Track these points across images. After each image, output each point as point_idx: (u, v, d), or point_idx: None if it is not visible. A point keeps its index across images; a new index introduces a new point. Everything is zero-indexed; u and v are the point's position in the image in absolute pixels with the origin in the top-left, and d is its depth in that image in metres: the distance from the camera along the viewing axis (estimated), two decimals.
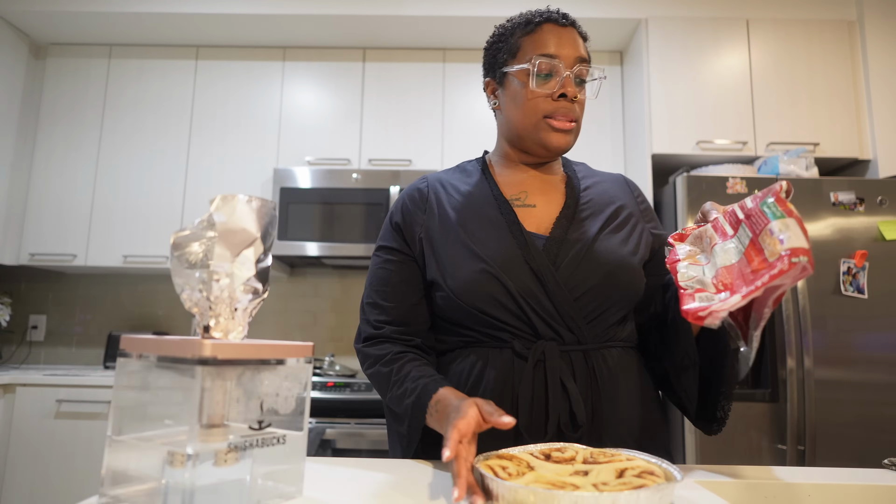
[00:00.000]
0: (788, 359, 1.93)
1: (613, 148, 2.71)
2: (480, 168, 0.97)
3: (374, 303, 0.92)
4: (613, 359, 0.83)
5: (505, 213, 0.88)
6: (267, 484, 0.53)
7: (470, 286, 0.82)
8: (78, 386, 2.26)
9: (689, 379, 0.82)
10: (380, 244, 0.95)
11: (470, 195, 0.91)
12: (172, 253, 0.52)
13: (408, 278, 0.91)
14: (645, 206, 0.97)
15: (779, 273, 0.59)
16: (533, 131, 0.88)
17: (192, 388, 0.47)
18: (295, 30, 2.67)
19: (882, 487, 0.69)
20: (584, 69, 0.88)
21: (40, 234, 2.64)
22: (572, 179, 0.95)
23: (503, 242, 0.84)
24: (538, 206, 0.90)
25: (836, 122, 2.42)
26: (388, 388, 0.85)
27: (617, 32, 2.65)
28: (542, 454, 0.64)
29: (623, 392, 0.82)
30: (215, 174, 2.69)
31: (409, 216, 0.93)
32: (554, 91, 0.86)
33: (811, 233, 2.03)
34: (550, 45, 0.86)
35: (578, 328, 0.82)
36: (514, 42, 0.90)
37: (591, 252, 0.84)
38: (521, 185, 0.93)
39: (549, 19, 0.88)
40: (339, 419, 2.13)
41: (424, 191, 0.94)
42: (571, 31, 0.89)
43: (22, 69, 2.72)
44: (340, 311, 2.90)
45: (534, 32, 0.88)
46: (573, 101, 0.87)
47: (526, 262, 0.82)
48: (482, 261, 0.82)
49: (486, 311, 0.82)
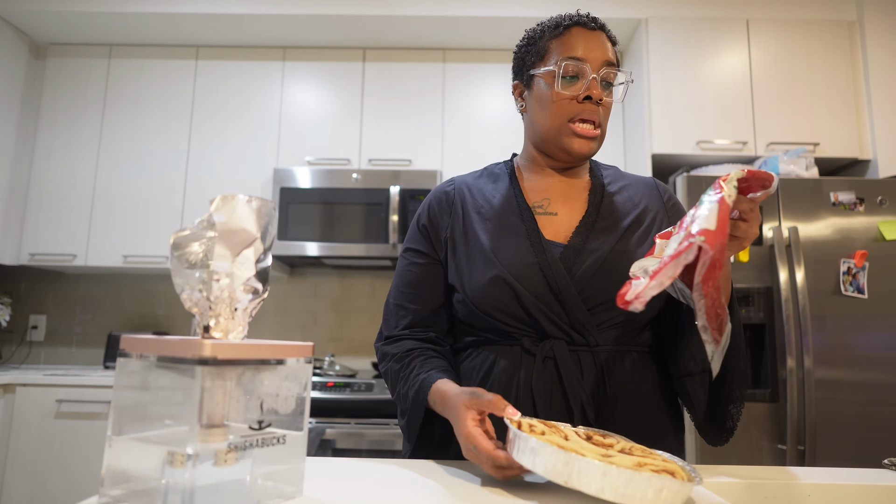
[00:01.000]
0: (788, 359, 1.93)
1: (613, 148, 2.71)
2: (508, 173, 0.97)
3: (399, 304, 0.94)
4: (625, 362, 0.83)
5: (526, 220, 0.88)
6: (267, 484, 0.53)
7: (484, 293, 0.84)
8: (78, 386, 2.26)
9: (694, 384, 0.82)
10: (407, 246, 0.97)
11: (494, 201, 0.92)
12: (172, 253, 0.52)
13: (433, 281, 0.93)
14: (674, 206, 0.96)
15: (677, 254, 0.59)
16: (557, 135, 0.89)
17: (192, 388, 0.47)
18: (295, 30, 2.67)
19: (882, 487, 0.69)
20: (611, 73, 0.88)
21: (40, 234, 2.64)
22: (597, 186, 0.94)
23: (521, 250, 0.85)
24: (560, 214, 0.90)
25: (836, 122, 2.42)
26: (396, 385, 0.89)
27: (617, 32, 2.65)
28: (585, 434, 0.65)
29: (633, 395, 0.82)
30: (215, 174, 2.69)
31: (435, 218, 0.94)
32: (579, 93, 0.86)
33: (811, 233, 2.04)
34: (578, 49, 0.86)
35: (591, 335, 0.82)
36: (542, 45, 0.90)
37: (607, 262, 0.84)
38: (545, 192, 0.93)
39: (577, 23, 0.88)
40: (339, 419, 2.13)
41: (451, 193, 0.96)
42: (600, 34, 0.89)
43: (22, 69, 2.72)
44: (340, 311, 2.90)
45: (562, 35, 0.88)
46: (598, 103, 0.86)
47: (541, 271, 0.83)
48: (498, 268, 0.84)
49: (499, 318, 0.84)
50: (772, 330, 1.99)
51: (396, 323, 0.93)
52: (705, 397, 0.82)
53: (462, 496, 0.60)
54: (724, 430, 0.81)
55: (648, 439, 0.82)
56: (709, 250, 0.58)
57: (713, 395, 0.82)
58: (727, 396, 0.80)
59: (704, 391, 0.82)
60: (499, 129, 2.71)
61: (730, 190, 0.63)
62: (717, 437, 0.83)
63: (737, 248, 0.70)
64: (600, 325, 0.82)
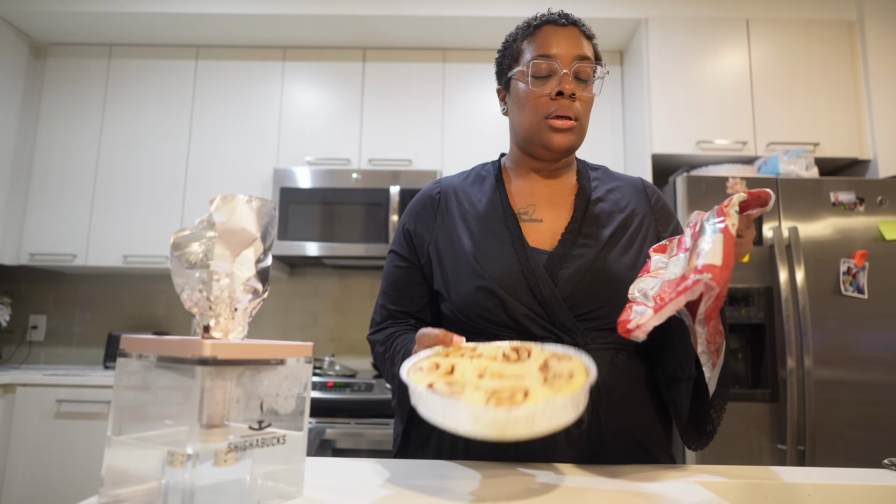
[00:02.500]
0: (788, 359, 1.93)
1: (613, 148, 2.71)
2: (495, 174, 0.97)
3: (383, 304, 0.98)
4: (617, 360, 0.83)
5: (511, 227, 0.88)
6: (267, 484, 0.53)
7: (469, 302, 0.85)
8: (78, 386, 2.26)
9: (681, 392, 0.81)
10: (391, 248, 1.00)
11: (480, 206, 0.93)
12: (172, 253, 0.52)
13: (413, 285, 0.96)
14: (662, 209, 0.95)
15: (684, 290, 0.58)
16: (535, 133, 0.89)
17: (192, 388, 0.47)
18: (295, 30, 2.67)
19: (882, 487, 0.69)
20: (584, 67, 0.88)
21: (40, 234, 2.64)
22: (583, 191, 0.94)
23: (505, 258, 0.85)
24: (545, 221, 0.90)
25: (836, 122, 2.42)
26: (384, 367, 0.92)
27: (617, 32, 2.65)
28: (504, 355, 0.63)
29: (623, 391, 0.82)
30: (215, 174, 2.69)
31: (420, 224, 0.95)
32: (552, 90, 0.86)
33: (811, 233, 2.04)
34: (547, 46, 0.87)
35: (578, 336, 0.82)
36: (516, 47, 0.92)
37: (592, 269, 0.84)
38: (530, 198, 0.93)
39: (547, 21, 0.89)
40: (339, 419, 2.13)
41: (436, 199, 0.96)
42: (571, 29, 0.89)
43: (22, 69, 2.72)
44: (340, 311, 2.90)
45: (533, 35, 0.89)
46: (572, 98, 0.86)
47: (525, 279, 0.83)
48: (482, 277, 0.84)
49: (486, 326, 0.85)
50: (772, 330, 1.99)
51: (381, 320, 0.98)
52: (688, 402, 0.82)
53: (462, 496, 0.60)
54: (705, 433, 0.80)
55: (644, 437, 0.83)
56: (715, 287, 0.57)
57: (695, 399, 0.82)
58: (709, 402, 0.80)
59: (689, 397, 0.82)
60: (498, 128, 2.71)
61: (733, 218, 0.63)
62: (698, 441, 0.81)
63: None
64: (587, 330, 0.83)
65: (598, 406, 0.80)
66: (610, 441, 0.79)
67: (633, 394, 0.83)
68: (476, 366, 0.59)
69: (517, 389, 0.53)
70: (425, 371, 0.59)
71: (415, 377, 0.57)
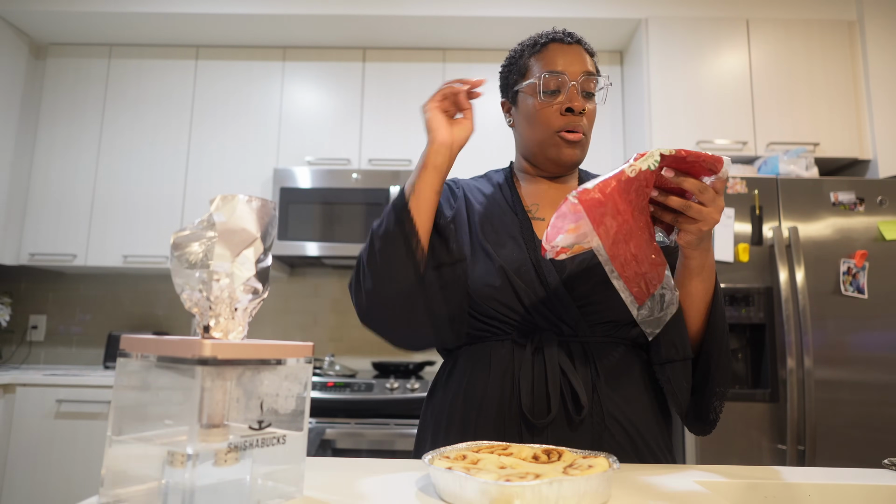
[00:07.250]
0: (788, 359, 1.93)
1: (613, 148, 2.71)
2: (505, 177, 1.02)
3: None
4: (615, 353, 0.86)
5: (521, 220, 0.93)
6: (267, 484, 0.53)
7: (485, 282, 0.87)
8: (78, 386, 2.26)
9: (676, 371, 0.84)
10: None
11: (491, 201, 0.97)
12: (172, 253, 0.52)
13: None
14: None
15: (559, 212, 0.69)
16: (545, 146, 0.92)
17: (192, 388, 0.47)
18: (295, 30, 2.67)
19: (882, 487, 0.69)
20: (590, 82, 0.92)
21: (40, 234, 2.64)
22: None
23: (515, 247, 0.89)
24: (547, 219, 0.94)
25: (836, 122, 2.42)
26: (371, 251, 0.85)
27: (617, 32, 2.65)
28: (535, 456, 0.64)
29: (624, 385, 0.85)
30: (215, 174, 2.69)
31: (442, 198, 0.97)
32: (562, 105, 0.90)
33: (811, 233, 2.04)
34: (556, 62, 0.91)
35: (580, 328, 0.85)
36: (522, 63, 0.95)
37: (593, 263, 0.86)
38: (535, 197, 0.97)
39: (554, 39, 0.93)
40: (339, 419, 2.13)
41: (454, 187, 1.00)
42: (577, 47, 0.93)
43: (22, 69, 2.72)
44: (340, 311, 2.90)
45: (540, 52, 0.93)
46: (581, 114, 0.90)
47: (534, 267, 0.87)
48: (496, 259, 0.87)
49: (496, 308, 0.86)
50: (772, 330, 1.99)
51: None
52: (687, 385, 0.85)
53: None
54: (708, 422, 0.86)
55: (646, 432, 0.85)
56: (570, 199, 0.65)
57: (697, 390, 0.86)
58: (710, 391, 0.84)
59: (686, 379, 0.85)
60: (498, 128, 2.71)
61: (641, 164, 0.69)
62: (701, 429, 0.87)
63: (696, 231, 0.73)
64: (589, 322, 0.86)
65: (600, 392, 0.82)
66: (612, 430, 0.82)
67: (634, 388, 0.86)
68: (501, 461, 0.60)
69: (530, 472, 0.55)
70: (451, 459, 0.61)
71: (438, 463, 0.59)
